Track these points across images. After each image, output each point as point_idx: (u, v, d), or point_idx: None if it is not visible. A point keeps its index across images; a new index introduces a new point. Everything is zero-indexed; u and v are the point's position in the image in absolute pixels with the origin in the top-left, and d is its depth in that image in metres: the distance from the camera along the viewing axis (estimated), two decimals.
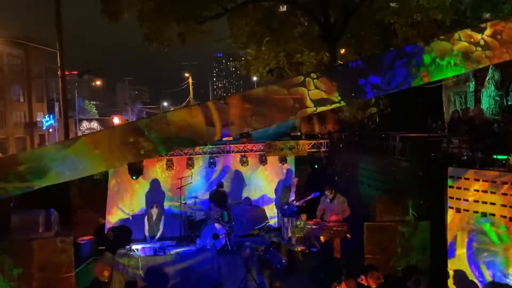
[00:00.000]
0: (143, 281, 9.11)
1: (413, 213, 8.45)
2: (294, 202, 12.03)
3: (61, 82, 17.58)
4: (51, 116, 43.11)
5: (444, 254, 7.72)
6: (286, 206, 12.18)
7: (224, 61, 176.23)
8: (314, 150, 13.69)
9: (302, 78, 5.28)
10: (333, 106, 5.28)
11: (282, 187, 13.40)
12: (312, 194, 11.59)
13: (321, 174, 13.44)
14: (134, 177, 12.41)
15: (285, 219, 12.07)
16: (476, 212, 7.23)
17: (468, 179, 7.35)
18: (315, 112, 5.36)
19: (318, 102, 5.23)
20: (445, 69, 5.46)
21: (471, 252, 7.35)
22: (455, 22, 14.05)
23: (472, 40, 5.37)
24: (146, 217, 11.50)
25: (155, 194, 13.18)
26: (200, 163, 13.41)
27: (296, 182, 12.71)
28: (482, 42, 5.37)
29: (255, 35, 17.68)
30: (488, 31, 5.38)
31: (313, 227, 10.54)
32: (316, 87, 5.23)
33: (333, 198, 10.58)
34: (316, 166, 13.77)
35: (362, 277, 6.62)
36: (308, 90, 5.24)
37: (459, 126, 10.35)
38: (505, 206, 6.85)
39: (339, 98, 5.27)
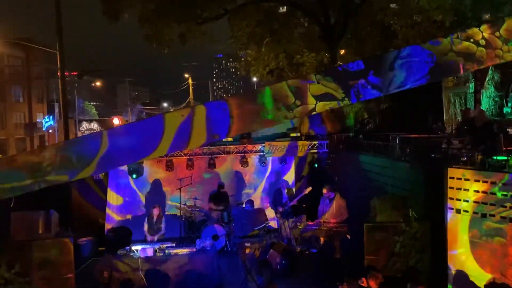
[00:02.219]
0: (143, 282, 9.11)
1: (413, 213, 8.44)
2: (288, 201, 12.05)
3: (61, 83, 17.57)
4: (51, 117, 43.07)
5: (444, 255, 7.72)
6: (281, 209, 12.19)
7: (224, 62, 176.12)
8: (314, 151, 13.71)
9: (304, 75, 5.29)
10: (334, 103, 5.25)
11: (276, 189, 13.41)
12: (304, 190, 11.64)
13: (320, 175, 13.45)
14: (134, 176, 12.43)
15: (285, 220, 12.06)
16: (476, 213, 7.23)
17: (468, 180, 7.35)
18: (314, 112, 5.33)
19: (320, 98, 5.20)
20: (446, 70, 5.45)
21: (471, 253, 7.34)
22: (455, 23, 14.05)
23: (472, 40, 5.36)
24: (146, 219, 11.50)
25: (155, 194, 13.20)
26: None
27: (286, 183, 12.82)
28: (483, 42, 5.36)
29: (255, 36, 17.68)
30: (489, 31, 5.38)
31: (313, 227, 10.55)
32: (318, 82, 5.21)
33: (332, 199, 10.58)
34: (316, 166, 13.79)
35: (363, 279, 6.64)
36: (310, 85, 5.21)
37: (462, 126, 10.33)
38: (505, 207, 6.85)
39: (343, 95, 5.25)
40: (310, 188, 11.56)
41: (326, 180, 12.38)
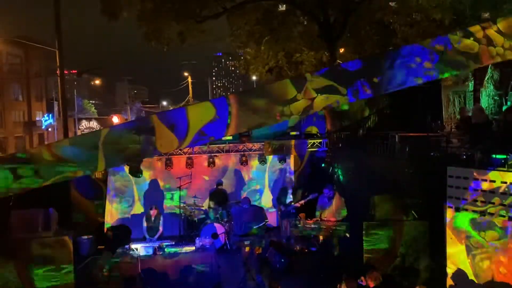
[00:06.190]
0: (142, 280, 9.11)
1: (412, 212, 8.45)
2: (292, 203, 12.04)
3: (60, 81, 17.54)
4: (50, 115, 43.06)
5: (443, 253, 7.73)
6: (284, 208, 12.19)
7: (223, 60, 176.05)
8: (314, 149, 13.71)
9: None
10: (333, 101, 5.23)
11: (280, 187, 13.39)
12: (310, 195, 11.62)
13: (320, 174, 13.45)
14: (140, 176, 12.43)
15: (284, 219, 12.07)
16: (475, 211, 7.24)
17: (467, 178, 7.36)
18: (312, 111, 5.31)
19: (322, 90, 5.17)
20: (445, 68, 5.45)
21: (470, 251, 7.35)
22: (454, 21, 14.05)
23: (473, 38, 5.35)
24: (144, 218, 11.51)
25: (154, 193, 13.20)
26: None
27: (290, 181, 12.77)
28: (483, 40, 5.35)
29: (254, 34, 17.66)
30: (490, 29, 5.37)
31: (312, 226, 10.55)
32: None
33: (331, 198, 10.59)
34: (316, 166, 13.79)
35: (362, 278, 6.65)
36: (311, 80, 5.19)
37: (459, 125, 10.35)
38: (504, 205, 6.86)
39: (343, 93, 5.24)
40: (316, 196, 11.56)
41: (326, 178, 12.38)
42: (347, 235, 10.04)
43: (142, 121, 5.42)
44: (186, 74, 57.84)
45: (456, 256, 7.52)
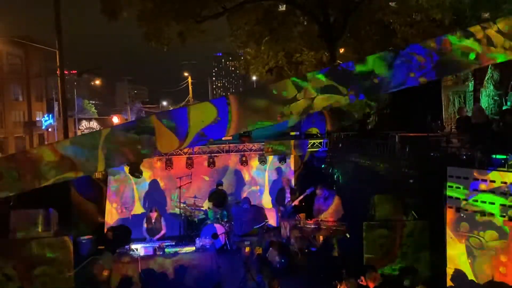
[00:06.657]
0: (142, 280, 9.11)
1: (413, 212, 8.45)
2: (290, 203, 12.04)
3: (60, 82, 17.56)
4: (50, 115, 43.08)
5: (443, 253, 7.73)
6: (283, 208, 12.20)
7: (223, 60, 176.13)
8: (314, 149, 13.71)
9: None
10: (333, 101, 5.22)
11: (279, 187, 13.41)
12: (307, 191, 11.63)
13: (320, 174, 13.45)
14: (140, 176, 12.42)
15: (284, 219, 12.07)
16: (475, 211, 7.24)
17: (467, 178, 7.36)
18: (312, 110, 5.31)
19: (323, 90, 5.17)
20: (446, 68, 5.44)
21: (470, 251, 7.36)
22: (454, 21, 14.07)
23: (473, 38, 5.34)
24: (144, 220, 11.50)
25: (154, 193, 13.20)
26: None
27: (287, 182, 12.78)
28: (484, 41, 5.34)
29: (254, 34, 17.71)
30: (490, 29, 5.36)
31: (312, 226, 10.56)
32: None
33: (326, 198, 10.59)
34: (316, 166, 13.78)
35: (362, 278, 6.66)
36: (311, 79, 5.19)
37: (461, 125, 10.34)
38: (504, 205, 6.87)
39: (343, 94, 5.23)
40: (312, 190, 11.55)
41: (320, 179, 12.38)
42: (347, 235, 10.04)
43: (142, 121, 5.41)
44: (186, 74, 58.00)
45: (456, 256, 7.52)
